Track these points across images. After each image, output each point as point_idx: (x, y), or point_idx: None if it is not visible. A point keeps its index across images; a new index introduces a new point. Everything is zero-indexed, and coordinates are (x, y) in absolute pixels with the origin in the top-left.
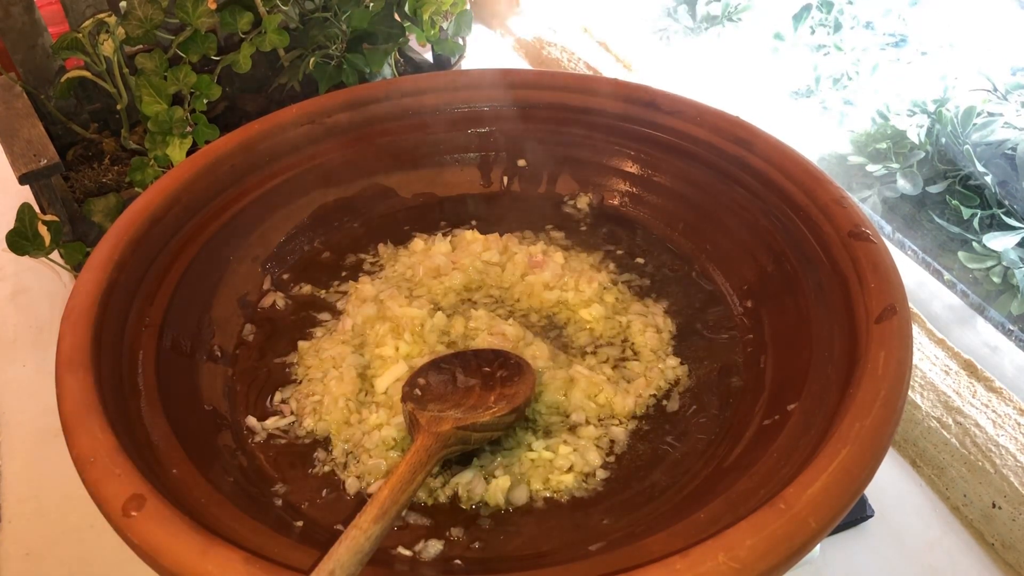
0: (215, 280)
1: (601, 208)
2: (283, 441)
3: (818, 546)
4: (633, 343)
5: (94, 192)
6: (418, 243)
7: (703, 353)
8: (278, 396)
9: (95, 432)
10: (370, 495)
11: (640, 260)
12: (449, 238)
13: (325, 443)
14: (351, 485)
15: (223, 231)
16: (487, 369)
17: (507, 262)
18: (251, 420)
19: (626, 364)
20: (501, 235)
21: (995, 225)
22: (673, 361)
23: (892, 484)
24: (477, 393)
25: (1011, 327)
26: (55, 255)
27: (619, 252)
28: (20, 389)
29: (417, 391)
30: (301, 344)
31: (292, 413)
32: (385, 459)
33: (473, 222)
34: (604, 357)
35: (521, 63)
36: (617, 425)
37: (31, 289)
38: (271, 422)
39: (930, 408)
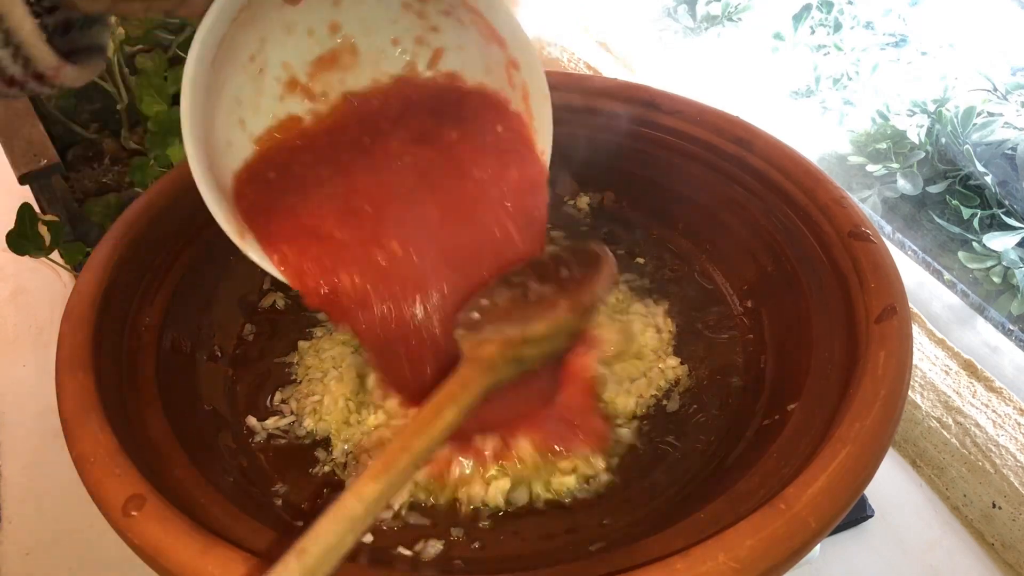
0: (215, 280)
1: (601, 208)
2: (283, 441)
3: (818, 546)
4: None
5: (94, 192)
6: None
7: (703, 353)
8: (278, 396)
9: (95, 432)
10: None
11: (640, 260)
12: None
13: (325, 443)
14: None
15: (224, 231)
16: (565, 272)
17: None
18: (251, 420)
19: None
20: None
21: (995, 225)
22: (673, 361)
23: (892, 484)
24: (549, 303)
25: (1011, 327)
26: (55, 255)
27: (619, 252)
28: (20, 389)
29: (475, 314)
30: (301, 344)
31: (292, 413)
32: None
33: None
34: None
35: None
36: (618, 425)
37: (31, 289)
38: (271, 422)
39: (930, 408)
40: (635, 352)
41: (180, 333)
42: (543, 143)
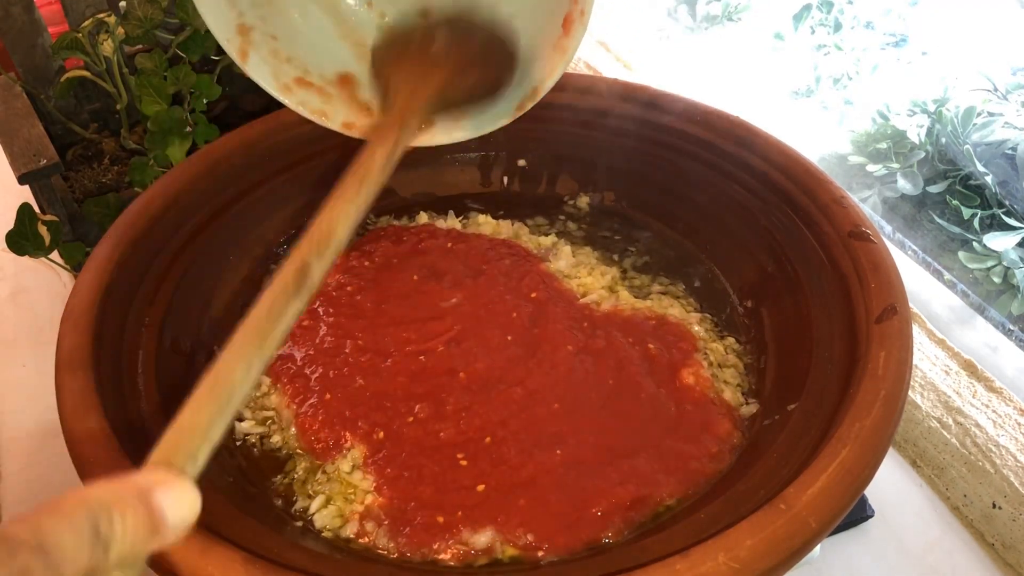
0: (215, 280)
1: (601, 208)
2: (258, 449)
3: (818, 546)
4: None
5: (94, 192)
6: (422, 217)
7: None
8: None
9: (95, 432)
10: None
11: (640, 260)
12: (461, 219)
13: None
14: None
15: (223, 231)
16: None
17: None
18: (237, 424)
19: None
20: (513, 223)
21: (995, 225)
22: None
23: (892, 484)
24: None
25: (1011, 327)
26: (55, 255)
27: (619, 252)
28: (20, 389)
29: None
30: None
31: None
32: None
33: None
34: None
35: None
36: None
37: (31, 289)
38: (247, 426)
39: (930, 408)
40: None
41: (180, 333)
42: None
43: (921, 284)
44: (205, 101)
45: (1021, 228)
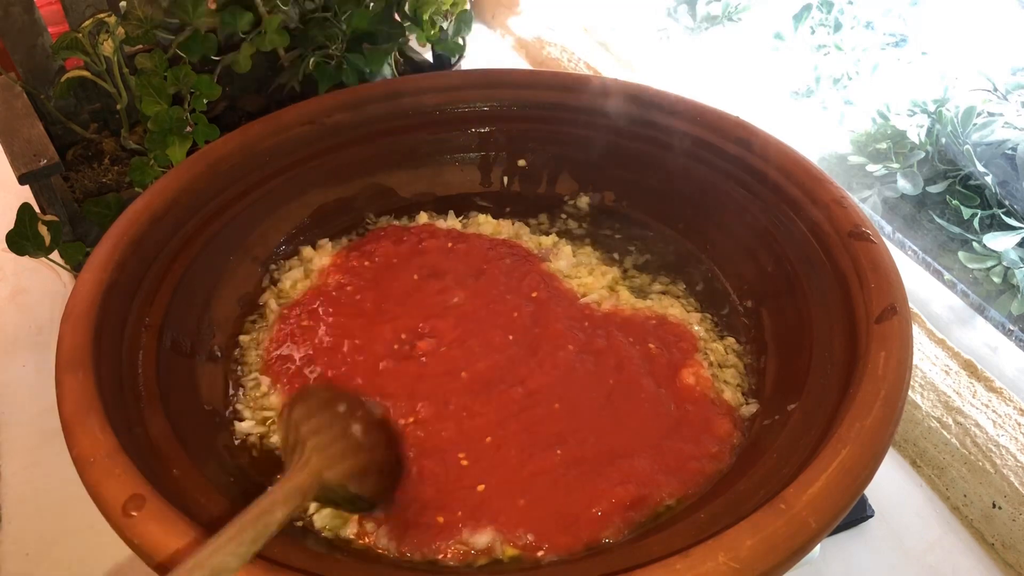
0: (215, 280)
1: (601, 208)
2: (258, 451)
3: (818, 546)
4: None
5: (94, 192)
6: (423, 216)
7: None
8: (274, 398)
9: (95, 432)
10: None
11: (640, 259)
12: (461, 219)
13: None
14: None
15: (223, 231)
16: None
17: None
18: (237, 424)
19: None
20: (513, 222)
21: (995, 225)
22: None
23: (892, 484)
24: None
25: (1011, 327)
26: (55, 255)
27: (619, 251)
28: (20, 389)
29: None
30: (243, 338)
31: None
32: None
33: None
34: None
35: (521, 63)
36: None
37: (31, 289)
38: (247, 426)
39: (930, 408)
40: None
41: (180, 333)
42: None
43: (921, 284)
44: (205, 101)
45: (1021, 228)
